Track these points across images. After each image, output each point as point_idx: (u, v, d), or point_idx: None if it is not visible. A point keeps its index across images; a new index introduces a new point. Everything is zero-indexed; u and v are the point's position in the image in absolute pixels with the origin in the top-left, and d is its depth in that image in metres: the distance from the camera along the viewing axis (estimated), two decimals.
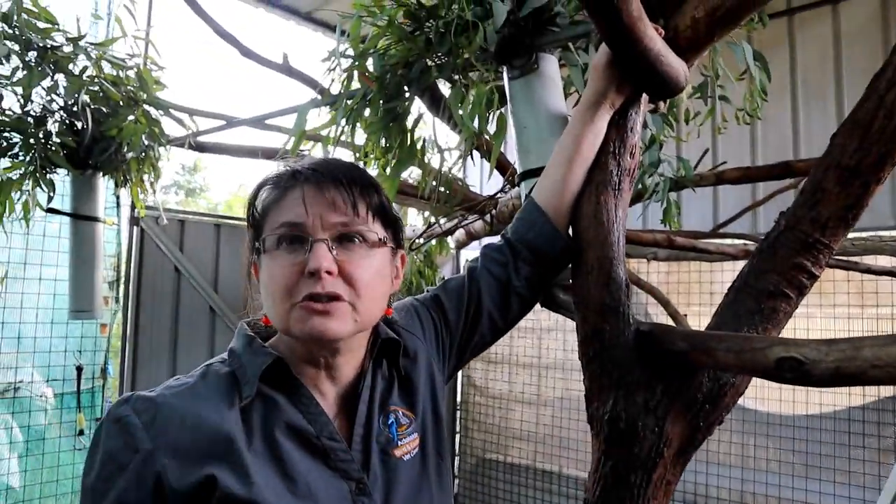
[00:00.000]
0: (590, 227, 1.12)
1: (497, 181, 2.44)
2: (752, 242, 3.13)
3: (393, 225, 0.94)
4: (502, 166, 2.21)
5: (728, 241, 3.39)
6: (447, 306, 1.13)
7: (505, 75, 1.54)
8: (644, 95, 1.19)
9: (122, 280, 3.62)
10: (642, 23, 0.98)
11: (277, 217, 0.87)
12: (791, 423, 3.83)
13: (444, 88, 1.89)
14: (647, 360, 1.07)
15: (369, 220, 0.88)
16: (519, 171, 1.47)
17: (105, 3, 3.35)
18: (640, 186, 2.15)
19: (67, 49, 2.42)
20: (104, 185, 3.01)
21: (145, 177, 2.94)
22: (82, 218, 2.95)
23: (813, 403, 3.77)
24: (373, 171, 1.78)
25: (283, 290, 0.84)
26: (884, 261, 3.30)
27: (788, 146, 4.28)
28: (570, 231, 1.18)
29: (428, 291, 1.17)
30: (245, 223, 0.96)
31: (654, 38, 1.02)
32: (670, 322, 3.36)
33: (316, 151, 2.90)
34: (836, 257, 2.96)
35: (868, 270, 3.01)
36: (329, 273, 0.83)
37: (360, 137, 1.70)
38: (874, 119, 0.98)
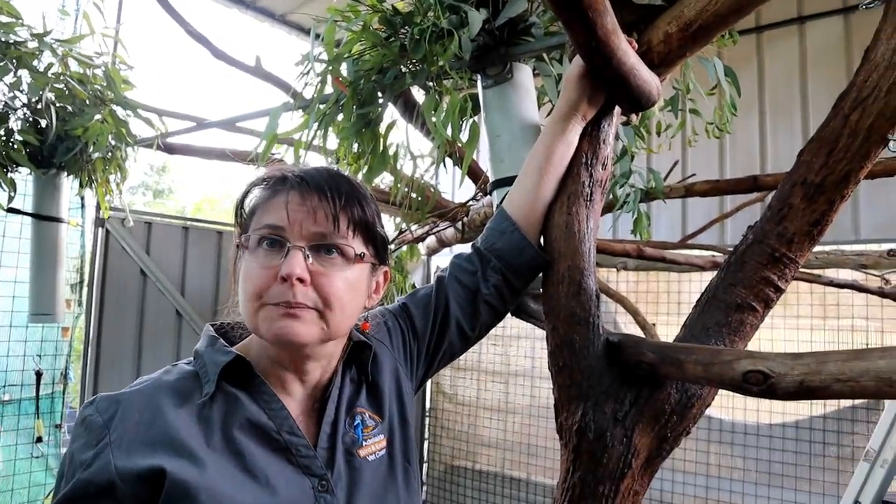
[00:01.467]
0: (561, 238, 1.12)
1: (469, 188, 2.44)
2: (719, 254, 3.18)
3: (375, 241, 0.93)
4: (474, 174, 2.21)
5: (696, 252, 3.44)
6: (415, 314, 1.13)
7: (479, 84, 1.54)
8: (617, 108, 1.20)
9: (86, 283, 3.53)
10: (616, 36, 0.98)
11: (262, 218, 0.88)
12: (755, 432, 3.90)
13: (418, 95, 1.88)
14: (616, 370, 1.07)
15: (349, 234, 0.87)
16: (491, 179, 1.47)
17: (73, 0, 3.27)
18: (610, 197, 2.17)
19: (32, 45, 2.36)
20: (68, 185, 2.94)
21: (111, 178, 2.88)
22: (44, 218, 2.87)
23: (776, 413, 3.84)
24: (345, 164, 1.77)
25: (254, 290, 0.85)
26: (845, 274, 3.38)
27: (755, 159, 4.37)
28: (542, 241, 1.18)
29: (398, 300, 1.17)
30: (213, 226, 0.95)
31: (627, 51, 1.03)
32: (639, 331, 3.39)
33: (288, 156, 2.87)
34: (800, 270, 3.02)
35: (830, 283, 3.08)
36: (301, 281, 0.83)
37: (333, 142, 1.68)
38: (839, 137, 1.00)
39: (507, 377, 4.92)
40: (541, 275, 1.17)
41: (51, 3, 3.21)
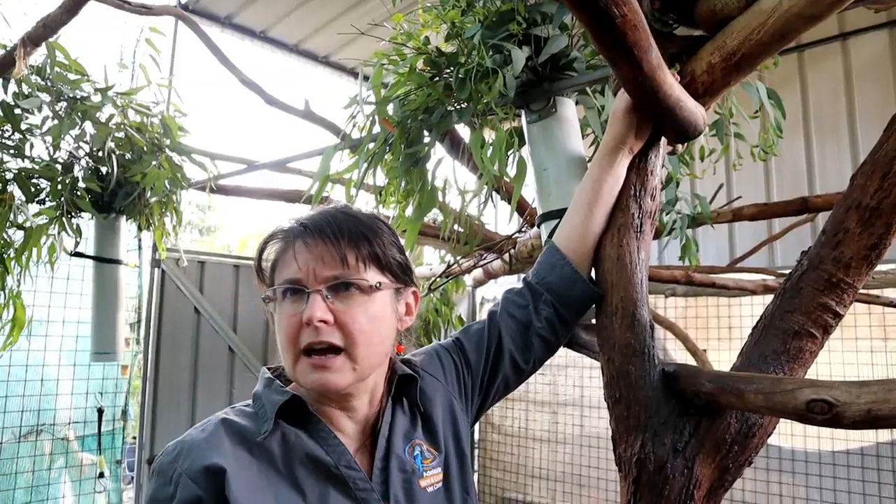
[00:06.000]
0: (613, 270, 1.13)
1: (515, 220, 2.46)
2: (770, 277, 3.12)
3: (391, 268, 0.96)
4: (520, 206, 2.23)
5: (746, 275, 3.38)
6: (468, 348, 1.15)
7: (523, 118, 1.57)
8: (663, 138, 1.22)
9: (143, 321, 3.65)
10: (661, 71, 1.00)
11: (281, 272, 0.93)
12: (817, 460, 3.75)
13: (463, 131, 1.92)
14: (673, 401, 1.07)
15: (361, 268, 0.91)
16: (539, 212, 1.49)
17: (130, 52, 3.45)
18: (657, 224, 2.16)
19: (96, 99, 2.50)
20: (127, 228, 3.07)
21: (167, 220, 3.00)
22: (105, 261, 3.00)
23: (839, 439, 3.70)
24: (392, 212, 1.81)
25: (287, 340, 0.90)
26: None
27: (803, 179, 4.30)
28: (593, 273, 1.19)
29: (451, 335, 1.20)
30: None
31: (672, 84, 1.05)
32: (689, 357, 3.33)
33: (338, 193, 2.94)
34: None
35: (890, 304, 2.99)
36: (325, 322, 0.87)
37: (382, 179, 1.73)
38: (893, 160, 0.99)
39: (555, 407, 4.86)
40: (593, 306, 1.18)
41: (109, 55, 3.39)
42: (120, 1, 2.32)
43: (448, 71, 1.54)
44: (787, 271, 1.10)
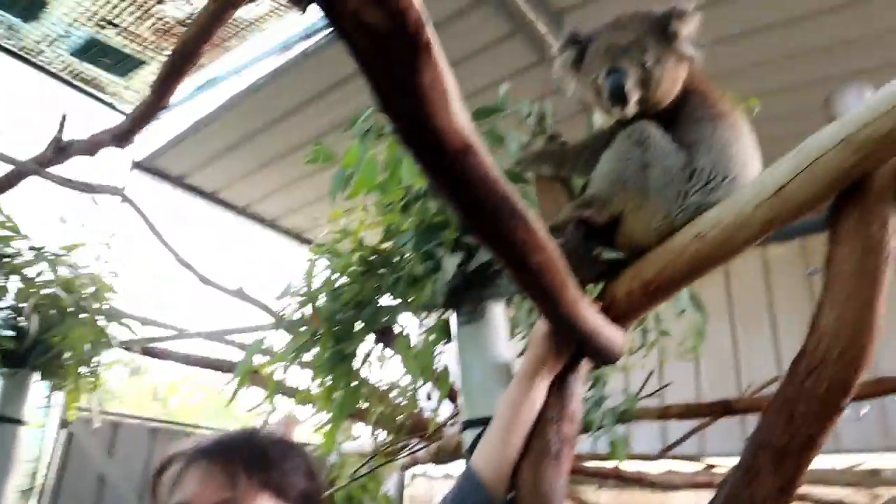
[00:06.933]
0: (529, 497, 1.10)
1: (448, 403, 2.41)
2: (699, 469, 3.11)
3: (289, 496, 0.93)
4: (453, 394, 2.21)
5: (677, 462, 3.35)
6: None
7: (453, 319, 1.60)
8: (583, 359, 1.24)
9: (39, 487, 3.32)
10: (579, 305, 1.04)
11: (174, 494, 0.90)
12: None
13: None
14: None
15: (253, 494, 0.88)
16: (463, 418, 1.47)
17: (72, 207, 3.42)
18: (584, 420, 2.15)
19: (27, 255, 2.45)
20: (36, 384, 2.88)
21: (84, 381, 2.83)
22: (5, 420, 2.78)
23: None
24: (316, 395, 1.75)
25: None
26: (837, 491, 3.25)
27: (730, 362, 4.50)
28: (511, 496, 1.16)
29: None
30: (184, 428, 0.97)
31: (590, 315, 1.09)
32: None
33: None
34: None
35: (819, 502, 2.99)
36: None
37: (309, 371, 1.70)
38: (797, 402, 1.03)
39: None
40: None
41: (49, 213, 3.33)
42: (63, 179, 2.35)
43: (381, 271, 1.58)
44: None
